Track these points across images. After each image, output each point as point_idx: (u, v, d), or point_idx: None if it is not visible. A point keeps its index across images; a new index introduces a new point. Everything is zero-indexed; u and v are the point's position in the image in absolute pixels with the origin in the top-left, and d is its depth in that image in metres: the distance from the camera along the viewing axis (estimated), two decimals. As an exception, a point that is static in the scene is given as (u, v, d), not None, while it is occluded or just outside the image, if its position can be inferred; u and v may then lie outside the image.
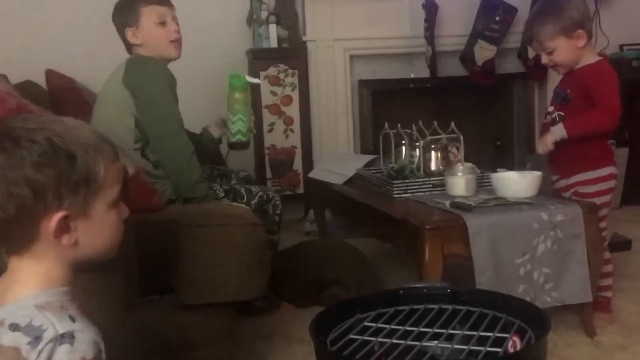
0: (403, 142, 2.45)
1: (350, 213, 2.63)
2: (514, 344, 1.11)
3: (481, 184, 2.19)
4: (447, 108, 4.01)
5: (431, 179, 2.26)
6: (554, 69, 2.21)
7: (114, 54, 2.29)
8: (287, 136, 3.61)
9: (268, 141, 3.57)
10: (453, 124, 2.35)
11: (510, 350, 1.08)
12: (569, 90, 2.12)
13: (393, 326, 1.18)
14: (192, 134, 2.36)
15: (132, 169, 1.71)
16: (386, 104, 3.85)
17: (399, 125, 2.47)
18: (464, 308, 1.23)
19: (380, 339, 1.13)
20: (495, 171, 2.18)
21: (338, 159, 3.13)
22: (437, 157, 2.36)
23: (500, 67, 3.88)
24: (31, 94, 2.51)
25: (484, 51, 3.78)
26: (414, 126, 2.39)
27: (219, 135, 2.46)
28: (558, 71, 2.19)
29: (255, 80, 2.42)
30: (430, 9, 3.60)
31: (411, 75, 3.86)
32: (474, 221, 1.84)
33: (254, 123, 2.41)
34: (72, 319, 0.87)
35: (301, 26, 3.67)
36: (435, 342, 1.13)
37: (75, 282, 0.95)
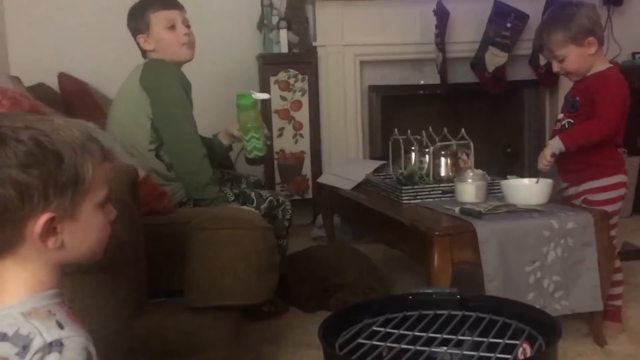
0: (413, 148, 2.44)
1: (359, 218, 2.63)
2: (524, 351, 1.10)
3: (491, 191, 2.18)
4: (458, 114, 4.00)
5: (441, 185, 2.25)
6: (566, 77, 2.21)
7: (126, 57, 2.31)
8: (297, 141, 3.61)
9: (277, 146, 3.57)
10: (463, 130, 2.34)
11: (520, 357, 1.08)
12: (578, 98, 2.11)
13: (402, 331, 1.17)
14: (204, 139, 2.37)
15: (143, 172, 1.71)
16: (396, 110, 3.84)
17: (408, 131, 2.46)
18: (473, 314, 1.23)
19: (389, 344, 1.12)
20: (506, 178, 2.17)
21: (347, 164, 3.13)
22: (447, 164, 2.36)
23: (511, 74, 3.86)
24: (43, 96, 2.52)
25: (494, 58, 3.77)
26: (423, 132, 2.38)
27: (228, 144, 2.48)
28: (570, 78, 2.19)
29: (263, 96, 2.39)
30: (442, 15, 3.60)
31: (421, 82, 3.86)
32: (484, 228, 1.83)
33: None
34: (60, 325, 0.84)
35: (311, 32, 3.68)
36: (445, 348, 1.12)
37: (64, 283, 0.92)
